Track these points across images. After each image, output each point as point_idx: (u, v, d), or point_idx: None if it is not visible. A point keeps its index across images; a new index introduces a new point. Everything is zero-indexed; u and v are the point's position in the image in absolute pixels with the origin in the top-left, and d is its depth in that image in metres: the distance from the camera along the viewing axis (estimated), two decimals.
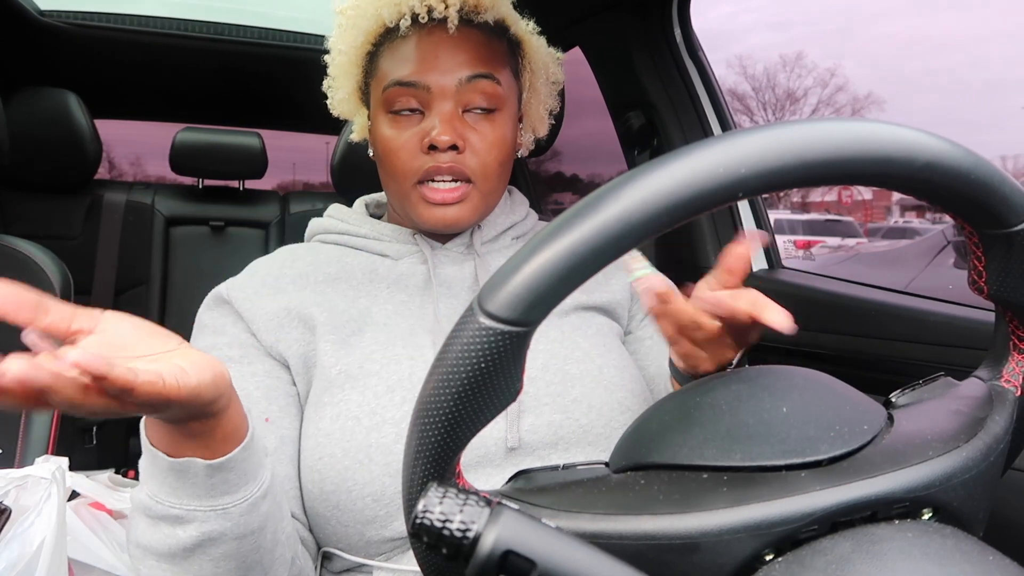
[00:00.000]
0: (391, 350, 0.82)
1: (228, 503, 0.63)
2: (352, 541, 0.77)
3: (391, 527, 0.76)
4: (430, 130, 0.83)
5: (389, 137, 0.85)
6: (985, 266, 0.48)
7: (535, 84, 0.95)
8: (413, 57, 0.84)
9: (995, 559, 0.39)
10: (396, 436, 0.76)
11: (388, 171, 0.87)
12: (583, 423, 0.81)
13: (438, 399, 0.38)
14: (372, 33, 0.88)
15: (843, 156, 0.38)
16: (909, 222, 12.67)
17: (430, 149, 0.83)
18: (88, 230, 2.06)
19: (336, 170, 2.03)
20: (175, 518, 0.62)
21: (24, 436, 1.18)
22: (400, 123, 0.85)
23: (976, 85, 18.50)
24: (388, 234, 0.91)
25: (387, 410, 0.78)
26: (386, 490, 0.75)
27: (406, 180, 0.85)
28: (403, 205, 0.87)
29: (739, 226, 1.43)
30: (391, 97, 0.85)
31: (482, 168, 0.85)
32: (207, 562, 0.64)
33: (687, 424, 0.47)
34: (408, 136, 0.84)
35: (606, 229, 0.36)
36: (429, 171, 0.83)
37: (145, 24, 1.98)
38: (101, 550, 0.92)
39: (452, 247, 0.91)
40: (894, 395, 0.53)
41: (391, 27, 0.86)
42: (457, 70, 0.84)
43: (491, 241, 0.94)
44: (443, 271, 0.89)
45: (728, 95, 1.45)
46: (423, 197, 0.84)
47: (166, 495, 0.62)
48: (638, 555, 0.40)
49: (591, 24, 1.50)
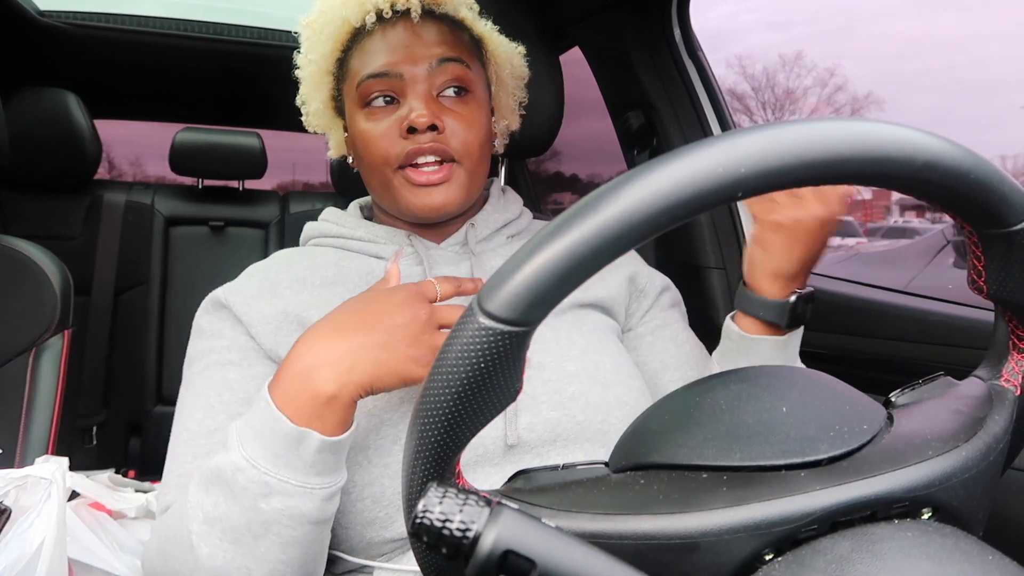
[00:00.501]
0: None
1: (318, 484, 0.65)
2: (353, 543, 0.77)
3: (391, 528, 0.76)
4: (407, 114, 0.83)
5: (366, 130, 0.86)
6: (984, 265, 0.47)
7: (501, 76, 0.96)
8: (382, 50, 0.85)
9: (995, 558, 0.39)
10: (394, 437, 0.76)
11: (369, 162, 0.87)
12: (580, 420, 0.81)
13: (438, 399, 0.38)
14: (340, 39, 0.89)
15: (842, 156, 0.38)
16: (909, 222, 12.63)
17: (409, 132, 0.83)
18: (88, 230, 2.06)
19: (336, 170, 2.03)
20: (264, 486, 0.64)
21: (24, 436, 1.18)
22: (376, 115, 0.86)
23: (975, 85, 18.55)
24: (383, 236, 0.91)
25: (384, 411, 0.78)
26: (385, 491, 0.75)
27: (387, 166, 0.85)
28: (388, 195, 0.87)
29: (738, 226, 1.43)
30: (365, 91, 0.85)
31: (464, 147, 0.86)
32: (276, 545, 0.65)
33: (687, 424, 0.47)
34: (385, 125, 0.85)
35: (606, 229, 0.36)
36: (410, 154, 0.83)
37: (145, 24, 1.98)
38: (101, 550, 0.92)
39: (447, 247, 0.91)
40: (894, 395, 0.53)
41: (358, 28, 0.87)
42: (427, 56, 0.85)
43: (486, 240, 0.94)
44: (439, 271, 0.89)
45: (727, 95, 1.44)
46: (407, 180, 0.84)
47: (266, 461, 0.64)
48: (638, 555, 0.40)
49: (590, 24, 1.49)
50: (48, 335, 1.25)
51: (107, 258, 2.06)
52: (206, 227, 2.20)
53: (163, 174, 2.60)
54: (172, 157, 2.16)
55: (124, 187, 2.19)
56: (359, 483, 0.75)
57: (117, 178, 3.74)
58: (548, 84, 1.29)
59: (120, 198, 2.12)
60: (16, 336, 1.24)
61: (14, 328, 1.24)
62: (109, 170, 7.66)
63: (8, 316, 1.24)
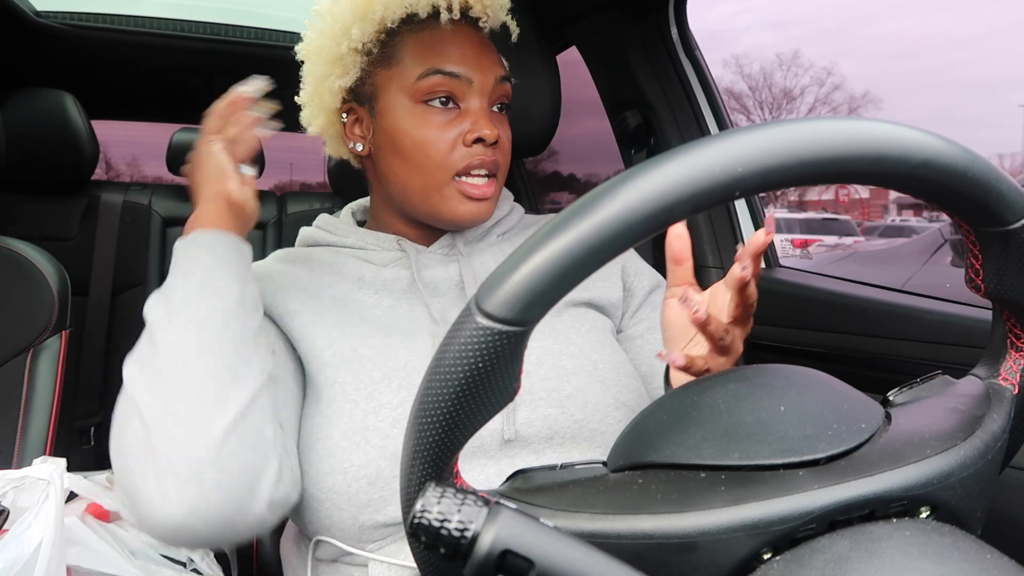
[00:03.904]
0: (387, 339, 0.82)
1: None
2: (345, 526, 0.77)
3: (384, 511, 0.75)
4: (474, 123, 0.83)
5: (422, 128, 0.84)
6: (982, 264, 0.48)
7: None
8: (454, 48, 0.85)
9: (993, 557, 0.39)
10: (393, 420, 0.76)
11: (418, 163, 0.85)
12: (578, 418, 0.81)
13: (436, 399, 0.38)
14: (389, 21, 0.86)
15: (840, 154, 0.38)
16: (906, 220, 12.69)
17: (474, 143, 0.83)
18: (85, 231, 2.06)
19: (333, 171, 2.03)
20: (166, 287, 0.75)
21: (22, 437, 1.17)
22: (435, 114, 0.84)
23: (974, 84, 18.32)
24: (372, 242, 0.91)
25: (384, 395, 0.78)
26: (381, 473, 0.75)
27: (443, 172, 0.84)
28: (429, 198, 0.86)
29: (736, 225, 1.43)
30: (430, 86, 0.84)
31: (504, 164, 0.88)
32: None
33: (685, 423, 0.47)
34: (446, 128, 0.84)
35: (603, 228, 0.36)
36: (470, 165, 0.84)
37: (142, 25, 1.97)
38: (100, 550, 0.91)
39: (436, 249, 0.91)
40: (892, 393, 0.53)
41: (410, 16, 0.86)
42: (493, 69, 0.86)
43: (476, 240, 0.94)
44: (428, 274, 0.89)
45: (725, 94, 1.45)
46: (461, 191, 0.85)
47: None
48: (636, 554, 0.40)
49: (587, 23, 1.49)
50: (46, 336, 1.25)
51: (104, 259, 2.06)
52: None
53: (160, 174, 2.59)
54: (169, 157, 2.16)
55: (121, 187, 2.18)
56: (355, 463, 0.75)
57: (114, 179, 3.75)
58: (545, 84, 1.29)
59: (117, 198, 2.12)
60: (14, 337, 1.23)
61: (11, 329, 1.23)
62: (106, 171, 7.67)
63: (5, 317, 1.23)
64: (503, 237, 0.96)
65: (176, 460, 0.64)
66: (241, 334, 0.72)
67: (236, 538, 0.69)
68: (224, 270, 0.74)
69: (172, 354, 0.69)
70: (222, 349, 0.69)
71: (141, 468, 0.65)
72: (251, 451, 0.67)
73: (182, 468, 0.64)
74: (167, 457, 0.64)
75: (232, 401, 0.67)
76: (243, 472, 0.66)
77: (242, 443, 0.67)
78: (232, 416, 0.67)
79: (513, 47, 0.96)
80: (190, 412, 0.66)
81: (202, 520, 0.64)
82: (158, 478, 0.64)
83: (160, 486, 0.64)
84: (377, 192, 0.94)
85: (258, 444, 0.68)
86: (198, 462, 0.64)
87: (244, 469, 0.66)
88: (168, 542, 0.67)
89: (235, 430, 0.66)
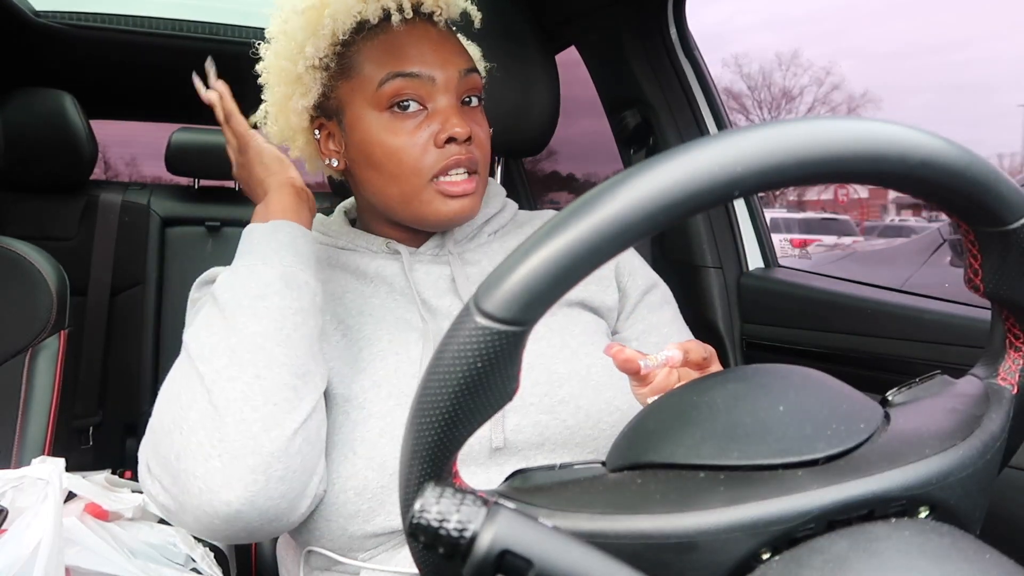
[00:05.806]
0: (376, 345, 0.81)
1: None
2: (335, 536, 0.76)
3: (374, 521, 0.75)
4: (443, 123, 0.81)
5: (391, 136, 0.82)
6: (981, 264, 0.48)
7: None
8: (409, 49, 0.82)
9: (992, 557, 0.39)
10: (380, 430, 0.76)
11: (393, 172, 0.83)
12: (570, 424, 0.80)
13: (435, 398, 0.38)
14: (342, 32, 0.85)
15: (839, 154, 0.38)
16: (905, 220, 12.71)
17: (447, 143, 0.81)
18: (84, 231, 2.06)
19: None
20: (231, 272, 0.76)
21: (20, 437, 1.17)
22: (403, 120, 0.82)
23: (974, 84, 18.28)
24: (362, 243, 0.90)
25: (373, 404, 0.77)
26: (368, 484, 0.74)
27: (419, 177, 0.82)
28: (410, 205, 0.84)
29: (735, 225, 1.43)
30: (393, 92, 0.81)
31: (483, 158, 0.86)
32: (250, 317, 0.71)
33: (684, 423, 0.47)
34: (415, 132, 0.82)
35: (602, 228, 0.36)
36: (447, 166, 0.82)
37: (141, 24, 1.97)
38: (99, 550, 0.91)
39: (426, 250, 0.90)
40: (891, 393, 0.53)
41: (362, 23, 0.84)
42: (455, 63, 0.84)
43: (466, 240, 0.92)
44: (419, 275, 0.88)
45: (724, 94, 1.45)
46: (441, 192, 0.82)
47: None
48: (635, 554, 0.40)
49: (586, 23, 1.49)
50: (44, 336, 1.25)
51: (103, 258, 2.06)
52: (202, 227, 2.20)
53: (159, 174, 2.59)
54: (168, 157, 2.16)
55: (120, 187, 2.18)
56: (342, 475, 0.75)
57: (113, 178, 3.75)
58: (544, 84, 1.29)
59: (116, 198, 2.12)
60: (12, 337, 1.23)
61: (10, 329, 1.23)
62: (105, 170, 7.66)
63: (4, 317, 1.23)
64: (494, 235, 0.94)
65: (249, 449, 0.65)
66: (316, 331, 0.74)
67: (276, 533, 0.71)
68: (306, 267, 0.76)
69: (251, 342, 0.69)
70: (300, 344, 0.71)
71: (204, 452, 0.65)
72: (312, 448, 0.70)
73: (253, 458, 0.65)
74: (239, 444, 0.65)
75: (306, 399, 0.70)
76: (303, 469, 0.69)
77: (307, 440, 0.69)
78: (305, 413, 0.69)
79: (513, 47, 0.95)
80: (268, 404, 0.67)
81: (258, 511, 0.66)
82: (225, 464, 0.65)
83: (226, 473, 0.64)
84: (361, 199, 0.93)
85: (317, 442, 0.71)
86: (271, 455, 0.66)
87: (304, 467, 0.69)
88: (213, 529, 0.66)
89: (304, 427, 0.69)
